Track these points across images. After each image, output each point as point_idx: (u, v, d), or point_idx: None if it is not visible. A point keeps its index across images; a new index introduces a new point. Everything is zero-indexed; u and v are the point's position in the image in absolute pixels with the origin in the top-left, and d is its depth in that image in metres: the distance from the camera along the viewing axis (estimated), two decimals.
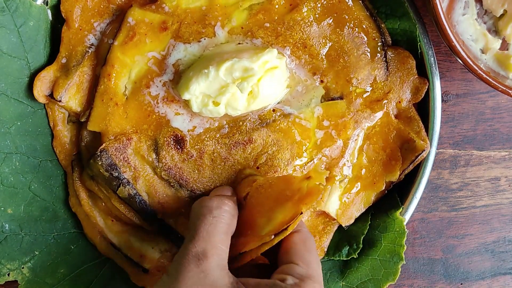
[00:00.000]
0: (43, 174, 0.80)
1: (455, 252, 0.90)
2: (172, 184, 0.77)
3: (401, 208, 0.79)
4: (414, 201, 0.80)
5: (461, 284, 0.90)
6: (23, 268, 0.78)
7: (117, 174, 0.75)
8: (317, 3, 0.76)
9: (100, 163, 0.75)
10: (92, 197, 0.80)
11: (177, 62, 0.76)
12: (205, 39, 0.76)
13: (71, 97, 0.77)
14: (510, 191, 0.89)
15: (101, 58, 0.77)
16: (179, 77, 0.75)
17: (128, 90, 0.76)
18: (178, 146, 0.75)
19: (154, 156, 0.76)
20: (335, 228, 0.81)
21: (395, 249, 0.78)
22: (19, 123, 0.78)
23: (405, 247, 0.77)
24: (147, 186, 0.76)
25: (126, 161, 0.76)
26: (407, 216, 0.80)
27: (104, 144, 0.75)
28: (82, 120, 0.78)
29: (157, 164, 0.76)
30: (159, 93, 0.75)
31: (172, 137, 0.75)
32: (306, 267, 0.65)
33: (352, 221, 0.80)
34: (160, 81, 0.75)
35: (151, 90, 0.75)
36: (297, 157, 0.76)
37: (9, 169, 0.77)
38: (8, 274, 0.77)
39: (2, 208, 0.77)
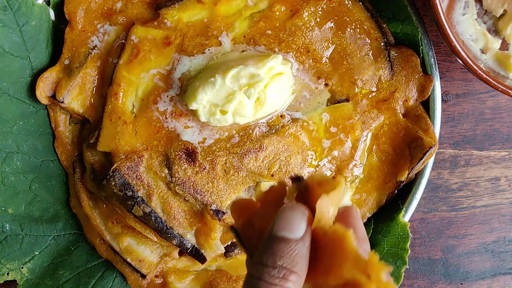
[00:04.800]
0: (44, 174, 0.80)
1: (455, 252, 0.90)
2: (187, 198, 0.76)
3: (402, 211, 0.79)
4: (414, 202, 0.80)
5: (461, 284, 0.90)
6: (22, 268, 0.78)
7: (131, 193, 0.75)
8: (318, 7, 0.76)
9: (113, 183, 0.74)
10: (93, 198, 0.80)
11: (183, 75, 0.76)
12: (209, 50, 0.76)
13: (74, 98, 0.77)
14: (510, 191, 0.89)
15: (106, 78, 0.77)
16: (186, 90, 0.75)
17: (136, 108, 0.76)
18: (190, 159, 0.75)
19: (166, 171, 0.75)
20: None
21: (398, 253, 0.78)
22: (21, 123, 0.78)
23: (409, 251, 0.77)
24: (162, 202, 0.76)
25: (139, 179, 0.75)
26: (407, 216, 0.80)
27: (115, 164, 0.75)
28: (91, 142, 0.77)
29: (170, 179, 0.75)
30: (167, 108, 0.75)
31: (183, 150, 0.75)
32: None
33: (364, 220, 0.80)
34: (167, 96, 0.75)
35: (158, 106, 0.75)
36: (308, 161, 0.76)
37: (10, 168, 0.77)
38: (8, 274, 0.77)
39: (3, 208, 0.77)
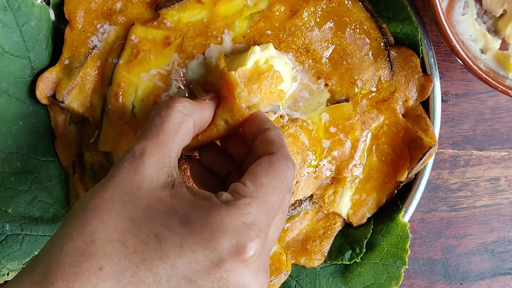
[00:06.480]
0: (44, 175, 0.80)
1: (455, 252, 0.90)
2: None
3: (402, 211, 0.79)
4: (414, 202, 0.80)
5: (461, 284, 0.90)
6: (22, 268, 0.78)
7: None
8: (317, 7, 0.76)
9: None
10: None
11: (182, 76, 0.76)
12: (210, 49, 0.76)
13: (73, 98, 0.77)
14: (510, 191, 0.89)
15: (106, 78, 0.77)
16: (185, 91, 0.75)
17: (136, 108, 0.75)
18: (190, 160, 0.75)
19: None
20: (336, 232, 0.81)
21: (398, 253, 0.78)
22: (21, 123, 0.77)
23: (409, 252, 0.77)
24: None
25: None
26: (407, 217, 0.80)
27: None
28: (91, 142, 0.77)
29: None
30: None
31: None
32: (253, 188, 0.55)
33: (364, 220, 0.80)
34: (166, 96, 0.75)
35: None
36: (308, 161, 0.76)
37: (10, 169, 0.77)
38: (8, 274, 0.77)
39: (3, 208, 0.77)
